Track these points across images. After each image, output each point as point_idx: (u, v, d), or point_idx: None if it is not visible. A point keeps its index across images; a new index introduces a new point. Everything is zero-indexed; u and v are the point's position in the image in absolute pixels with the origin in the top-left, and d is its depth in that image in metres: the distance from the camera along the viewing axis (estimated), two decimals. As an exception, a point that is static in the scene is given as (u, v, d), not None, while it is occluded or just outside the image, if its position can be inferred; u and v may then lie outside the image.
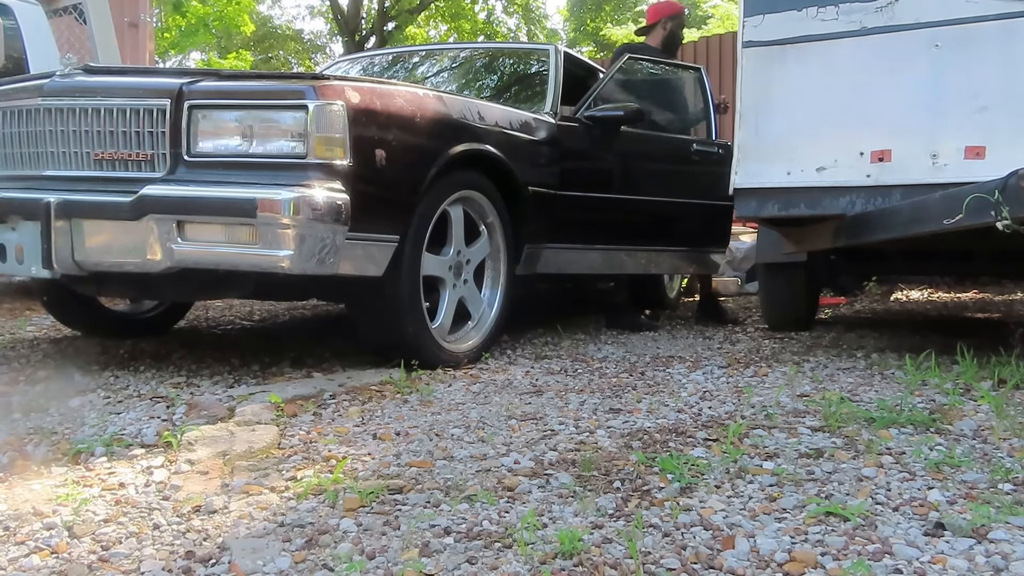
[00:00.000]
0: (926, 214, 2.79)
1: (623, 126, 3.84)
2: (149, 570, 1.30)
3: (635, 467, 1.77)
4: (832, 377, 2.82)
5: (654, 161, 4.29)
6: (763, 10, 3.18)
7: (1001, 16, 2.83)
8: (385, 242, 2.63)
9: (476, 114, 3.03)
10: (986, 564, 1.30)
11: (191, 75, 2.66)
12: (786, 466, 1.77)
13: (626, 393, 2.55)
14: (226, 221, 2.38)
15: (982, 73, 2.87)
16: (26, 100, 2.65)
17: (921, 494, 1.61)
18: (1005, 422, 2.10)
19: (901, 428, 2.07)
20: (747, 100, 3.22)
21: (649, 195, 4.09)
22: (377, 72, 4.48)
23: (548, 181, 3.44)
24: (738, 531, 1.44)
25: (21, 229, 2.54)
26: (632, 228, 4.06)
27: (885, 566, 1.30)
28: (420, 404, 2.37)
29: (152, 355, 3.10)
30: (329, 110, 2.40)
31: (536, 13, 22.85)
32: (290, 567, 1.31)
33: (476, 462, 1.82)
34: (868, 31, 3.03)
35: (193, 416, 2.22)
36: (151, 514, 1.53)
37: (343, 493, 1.60)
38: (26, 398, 2.39)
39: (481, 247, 3.12)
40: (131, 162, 2.51)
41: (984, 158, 2.84)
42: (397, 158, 2.61)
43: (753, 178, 3.22)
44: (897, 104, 3.01)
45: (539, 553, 1.34)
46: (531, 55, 4.48)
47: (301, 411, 2.26)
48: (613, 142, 3.86)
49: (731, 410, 2.31)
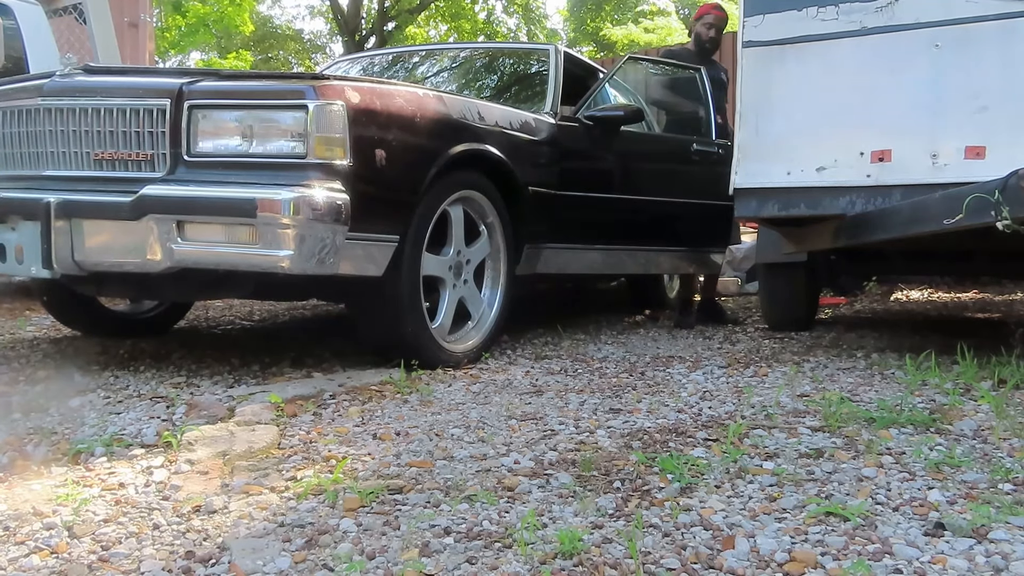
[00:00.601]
0: (926, 214, 2.79)
1: (623, 126, 3.85)
2: (149, 570, 1.30)
3: (635, 467, 1.77)
4: (832, 377, 2.82)
5: (654, 161, 4.29)
6: (763, 10, 3.18)
7: (1001, 16, 2.83)
8: (385, 242, 2.63)
9: (476, 114, 3.03)
10: (986, 564, 1.30)
11: (191, 75, 2.66)
12: (786, 466, 1.77)
13: (626, 393, 2.55)
14: (226, 221, 2.38)
15: (982, 73, 2.87)
16: (26, 100, 2.65)
17: (921, 494, 1.61)
18: (1005, 422, 2.10)
19: (901, 428, 2.07)
20: (747, 100, 3.22)
21: (649, 195, 4.09)
22: (377, 72, 4.48)
23: (548, 181, 3.44)
24: (738, 531, 1.44)
25: (21, 229, 2.53)
26: (632, 228, 4.06)
27: (885, 566, 1.30)
28: (420, 404, 2.37)
29: (152, 355, 3.10)
30: (329, 110, 2.40)
31: (536, 13, 22.85)
32: (290, 567, 1.31)
33: (476, 462, 1.82)
34: (868, 31, 3.03)
35: (193, 416, 2.22)
36: (151, 514, 1.53)
37: (343, 493, 1.60)
38: (26, 398, 2.39)
39: (481, 247, 3.12)
40: (131, 162, 2.51)
41: (984, 158, 2.84)
42: (397, 158, 2.61)
43: (753, 178, 3.22)
44: (897, 104, 3.01)
45: (539, 553, 1.34)
46: (531, 55, 4.48)
47: (301, 411, 2.26)
48: (613, 142, 3.86)
49: (731, 410, 2.31)
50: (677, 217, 4.27)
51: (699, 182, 4.33)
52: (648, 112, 4.42)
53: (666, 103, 4.77)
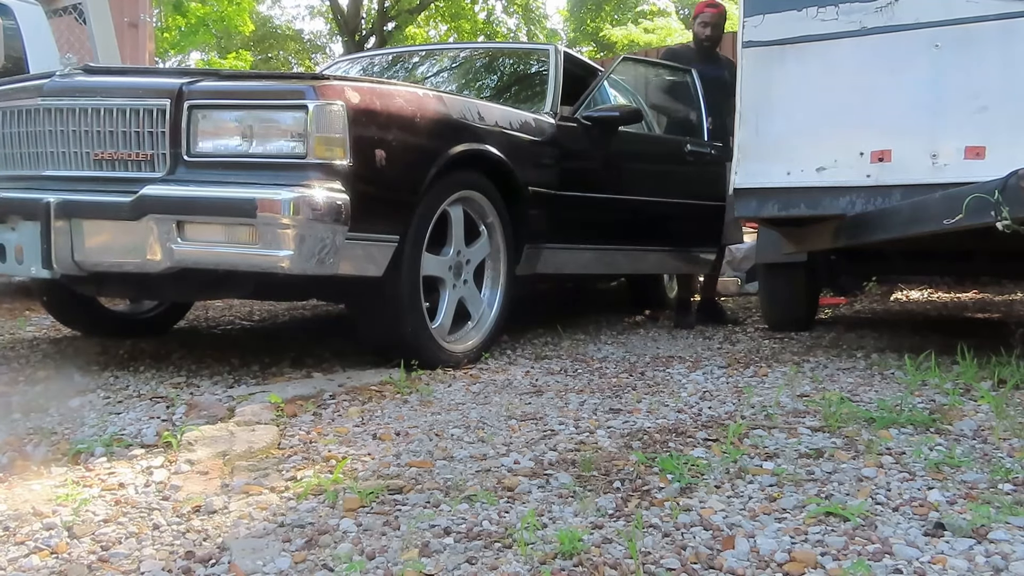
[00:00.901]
0: (926, 214, 2.79)
1: (620, 126, 3.86)
2: (149, 570, 1.30)
3: (635, 467, 1.77)
4: (832, 377, 2.82)
5: (652, 161, 4.31)
6: (763, 10, 3.18)
7: (1001, 16, 2.83)
8: (385, 242, 2.63)
9: (476, 114, 3.03)
10: (986, 564, 1.30)
11: (191, 75, 2.66)
12: (786, 466, 1.77)
13: (626, 393, 2.55)
14: (226, 221, 2.38)
15: (982, 73, 2.87)
16: (26, 100, 2.65)
17: (921, 494, 1.61)
18: (1005, 422, 2.10)
19: (901, 428, 2.07)
20: (747, 100, 3.22)
21: (648, 195, 4.10)
22: (377, 72, 4.48)
23: (548, 181, 3.44)
24: (738, 531, 1.44)
25: (21, 229, 2.53)
26: (632, 228, 4.07)
27: (885, 566, 1.30)
28: (420, 404, 2.37)
29: (152, 355, 3.10)
30: (329, 110, 2.40)
31: (536, 13, 22.86)
32: (290, 567, 1.31)
33: (476, 462, 1.82)
34: (868, 31, 3.03)
35: (193, 416, 2.22)
36: (151, 514, 1.53)
37: (343, 493, 1.60)
38: (26, 398, 2.39)
39: (481, 247, 3.12)
40: (131, 162, 2.51)
41: (984, 158, 2.84)
42: (397, 158, 2.61)
43: (753, 178, 3.22)
44: (897, 104, 3.01)
45: (539, 553, 1.34)
46: (531, 55, 4.48)
47: (301, 411, 2.26)
48: (611, 142, 3.86)
49: (731, 410, 2.31)
50: (673, 217, 4.28)
51: (693, 182, 4.36)
52: (647, 112, 4.43)
53: (659, 104, 4.80)
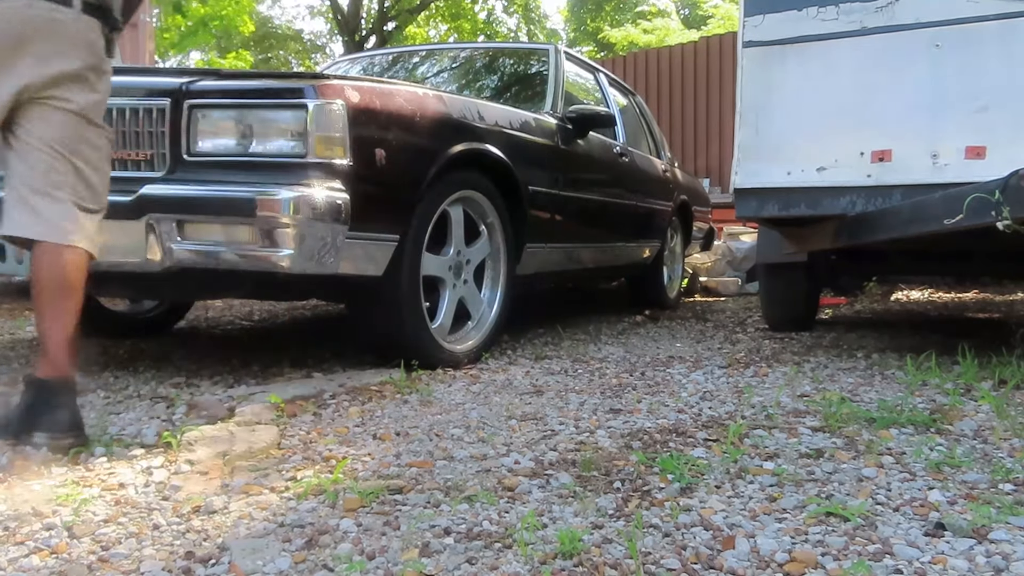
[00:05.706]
0: (926, 214, 2.79)
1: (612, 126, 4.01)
2: (149, 570, 1.30)
3: (635, 467, 1.76)
4: (832, 377, 2.82)
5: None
6: (763, 10, 3.18)
7: (1001, 16, 2.83)
8: (385, 242, 2.62)
9: (476, 114, 3.03)
10: (986, 564, 1.30)
11: (191, 75, 2.66)
12: (786, 466, 1.77)
13: (626, 393, 2.55)
14: (226, 220, 2.37)
15: (982, 73, 2.87)
16: (26, 100, 2.64)
17: (921, 494, 1.61)
18: (1006, 422, 2.10)
19: (901, 428, 2.07)
20: (747, 100, 3.22)
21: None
22: (377, 72, 4.48)
23: (548, 181, 3.44)
24: (738, 531, 1.44)
25: (21, 229, 2.53)
26: (622, 225, 4.40)
27: (885, 566, 1.29)
28: (420, 404, 2.36)
29: (152, 355, 3.10)
30: (329, 109, 2.40)
31: (536, 13, 22.87)
32: (290, 567, 1.31)
33: (476, 462, 1.82)
34: (868, 31, 3.03)
35: (193, 416, 2.21)
36: (151, 514, 1.53)
37: (343, 493, 1.60)
38: (26, 398, 2.38)
39: (481, 247, 3.12)
40: (130, 161, 2.51)
41: (984, 158, 2.84)
42: (397, 157, 2.61)
43: (753, 178, 3.22)
44: (897, 104, 3.01)
45: (539, 553, 1.34)
46: (531, 55, 4.49)
47: (301, 411, 2.26)
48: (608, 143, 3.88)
49: (731, 410, 2.31)
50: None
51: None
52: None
53: None
